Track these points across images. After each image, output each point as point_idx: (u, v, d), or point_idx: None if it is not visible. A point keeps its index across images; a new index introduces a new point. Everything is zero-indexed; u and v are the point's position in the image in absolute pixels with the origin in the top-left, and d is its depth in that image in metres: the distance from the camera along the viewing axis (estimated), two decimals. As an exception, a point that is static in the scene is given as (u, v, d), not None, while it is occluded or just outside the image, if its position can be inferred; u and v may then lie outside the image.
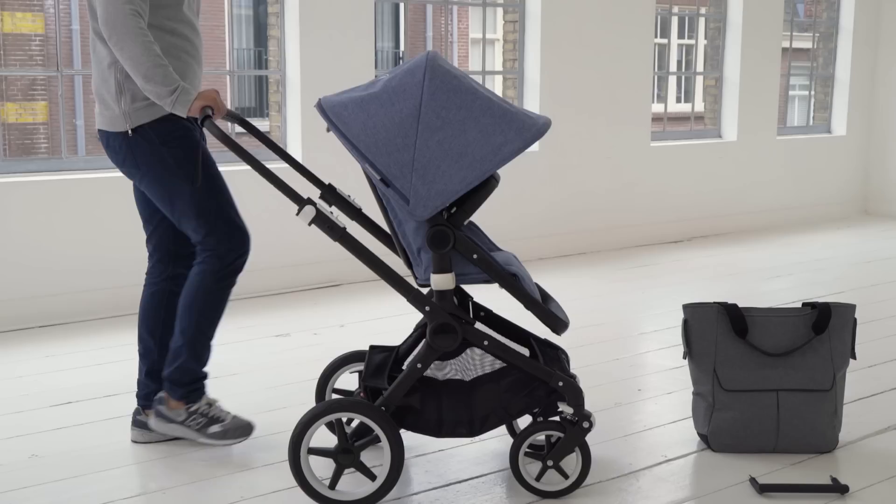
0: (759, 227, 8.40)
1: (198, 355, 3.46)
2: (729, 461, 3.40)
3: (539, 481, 3.10)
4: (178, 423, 3.47)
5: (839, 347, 3.44)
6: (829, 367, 3.42)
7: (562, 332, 3.02)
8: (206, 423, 3.47)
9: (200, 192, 3.33)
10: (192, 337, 3.43)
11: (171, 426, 3.48)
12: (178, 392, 3.46)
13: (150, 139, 3.33)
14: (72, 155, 15.85)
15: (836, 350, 3.43)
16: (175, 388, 3.46)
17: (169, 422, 3.47)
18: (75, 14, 16.52)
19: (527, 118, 2.88)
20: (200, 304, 3.43)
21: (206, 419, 3.47)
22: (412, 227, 2.96)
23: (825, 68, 9.11)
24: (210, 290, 3.44)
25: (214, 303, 3.46)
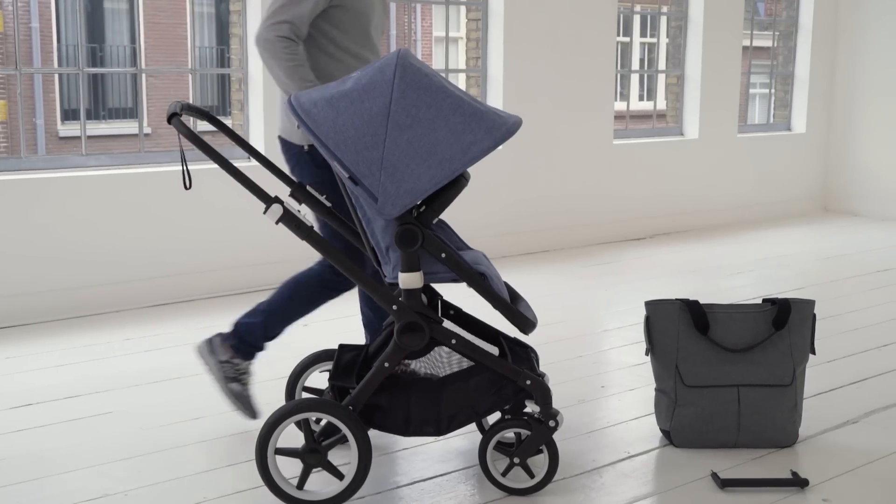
0: (720, 225, 8.47)
1: (268, 328, 3.61)
2: (690, 457, 3.43)
3: (505, 477, 3.11)
4: (216, 360, 3.61)
5: (799, 343, 3.48)
6: (788, 362, 3.46)
7: (530, 332, 3.03)
8: (232, 379, 3.60)
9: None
10: (274, 311, 3.60)
11: (210, 358, 3.63)
12: (233, 341, 3.61)
13: (316, 161, 3.47)
14: (31, 154, 15.69)
15: (795, 345, 3.47)
16: (233, 337, 3.62)
17: (211, 353, 3.63)
18: (34, 12, 16.36)
19: (497, 117, 2.88)
20: (300, 293, 3.60)
21: (234, 374, 3.60)
22: (381, 226, 2.96)
23: (785, 66, 9.20)
24: (313, 290, 3.60)
25: (309, 301, 3.61)
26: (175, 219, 5.65)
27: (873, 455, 3.47)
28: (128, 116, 18.06)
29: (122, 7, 18.15)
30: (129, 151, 5.80)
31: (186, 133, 3.03)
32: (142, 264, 5.55)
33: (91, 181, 5.40)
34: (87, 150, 5.69)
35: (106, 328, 5.06)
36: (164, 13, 17.58)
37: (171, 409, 3.89)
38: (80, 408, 3.90)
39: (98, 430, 3.66)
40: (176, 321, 5.19)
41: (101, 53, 17.88)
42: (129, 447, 3.50)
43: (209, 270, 5.77)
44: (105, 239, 5.44)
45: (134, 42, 17.97)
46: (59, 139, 17.00)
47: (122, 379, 4.26)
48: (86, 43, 16.75)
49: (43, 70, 5.57)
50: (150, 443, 3.54)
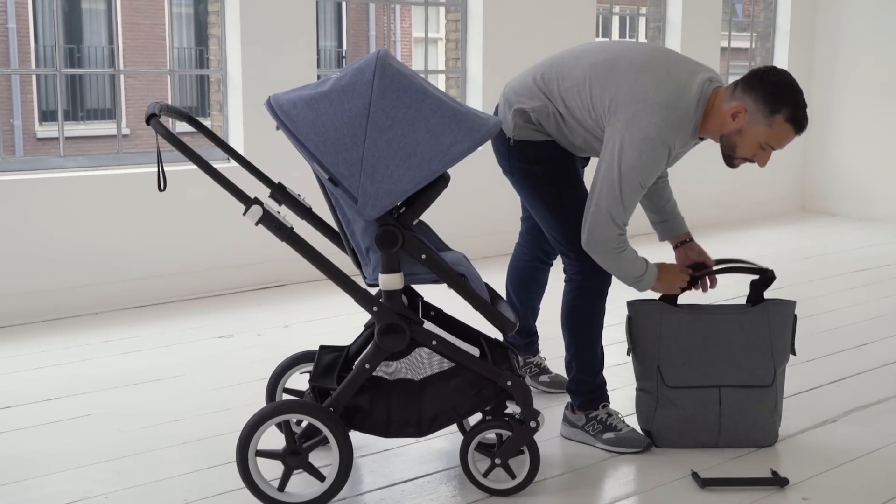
0: (698, 225, 8.45)
1: (586, 367, 3.58)
2: (671, 457, 3.45)
3: (487, 478, 3.12)
4: (579, 427, 3.56)
5: (779, 344, 3.50)
6: (769, 363, 3.47)
7: (510, 333, 3.04)
8: (602, 430, 3.52)
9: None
10: (575, 352, 3.59)
11: (573, 430, 3.59)
12: (577, 401, 3.59)
13: (525, 156, 3.53)
14: (9, 155, 15.59)
15: (776, 347, 3.49)
16: (574, 398, 3.60)
17: (572, 426, 3.59)
18: (11, 12, 16.25)
19: (477, 118, 2.88)
20: (577, 322, 3.58)
21: (602, 426, 3.52)
22: (361, 227, 2.95)
23: (763, 68, 9.24)
24: (583, 309, 3.58)
25: (589, 318, 3.58)
26: (154, 220, 5.62)
27: (852, 454, 3.49)
28: (106, 117, 17.97)
29: (100, 7, 18.06)
30: (107, 152, 5.78)
31: (165, 134, 3.02)
32: (120, 266, 5.52)
33: (69, 182, 5.38)
34: (65, 152, 5.66)
35: (84, 330, 5.03)
36: (143, 14, 17.50)
37: (151, 410, 3.88)
38: (59, 410, 3.88)
39: (78, 433, 3.65)
40: (155, 323, 5.17)
41: (79, 54, 17.79)
42: (110, 449, 3.48)
43: (188, 272, 5.75)
44: (83, 240, 5.41)
45: (112, 43, 17.89)
46: (36, 140, 16.90)
47: (102, 381, 4.23)
48: (63, 44, 16.67)
49: (20, 71, 5.54)
50: (130, 445, 3.52)
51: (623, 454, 3.47)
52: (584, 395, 3.57)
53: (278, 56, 5.99)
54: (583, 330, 3.56)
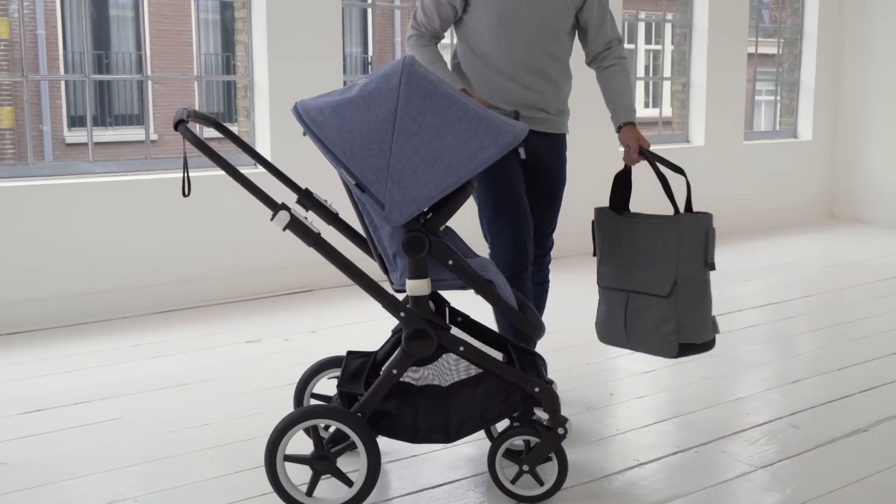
0: (726, 232, 8.45)
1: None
2: (701, 465, 3.43)
3: (514, 485, 3.11)
4: None
5: (686, 256, 3.46)
6: (671, 274, 3.46)
7: (538, 339, 3.03)
8: None
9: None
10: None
11: None
12: None
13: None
14: (38, 161, 15.71)
15: (682, 258, 3.45)
16: None
17: None
18: (40, 19, 16.39)
19: (503, 124, 2.88)
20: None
21: None
22: (388, 233, 2.96)
23: (790, 73, 9.19)
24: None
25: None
26: (181, 225, 5.65)
27: (883, 464, 3.46)
28: (134, 123, 18.09)
29: (128, 14, 18.18)
30: (135, 158, 5.82)
31: (193, 140, 3.03)
32: (148, 271, 5.56)
33: (98, 187, 5.41)
34: (93, 157, 5.70)
35: (113, 334, 5.06)
36: (170, 20, 17.61)
37: (178, 415, 3.89)
38: (88, 414, 3.90)
39: (106, 437, 3.66)
40: (183, 327, 5.20)
41: (107, 60, 17.91)
42: (139, 453, 3.50)
43: (216, 277, 5.77)
44: (112, 245, 5.45)
45: (140, 49, 18.00)
46: (65, 146, 17.03)
47: (131, 385, 4.26)
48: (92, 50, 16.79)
49: (49, 77, 5.60)
50: (158, 449, 3.54)
51: None
52: None
53: (305, 62, 6.01)
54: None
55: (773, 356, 4.74)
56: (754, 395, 4.15)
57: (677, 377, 4.40)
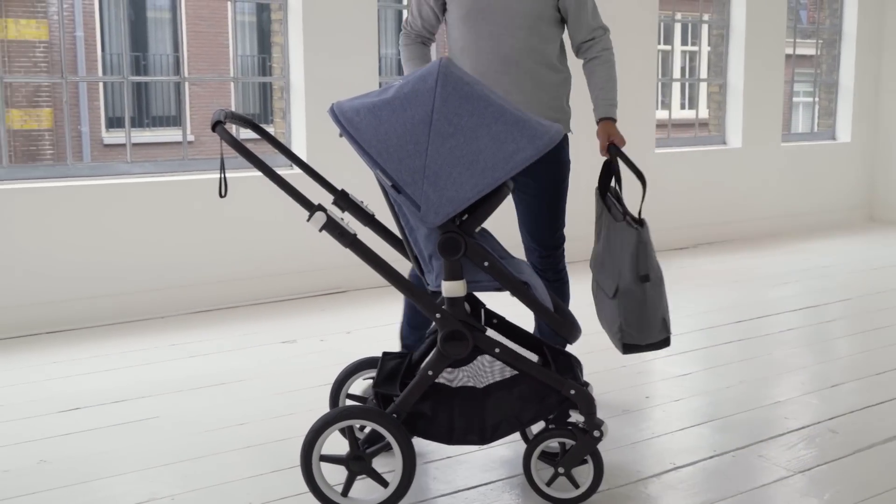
0: (764, 234, 8.40)
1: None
2: (739, 469, 3.40)
3: (550, 487, 3.10)
4: None
5: (623, 264, 3.46)
6: (616, 278, 3.47)
7: (574, 341, 3.02)
8: None
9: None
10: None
11: None
12: None
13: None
14: (77, 161, 15.87)
15: (622, 265, 3.46)
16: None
17: None
18: (79, 21, 16.55)
19: (539, 126, 2.87)
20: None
21: None
22: (424, 234, 2.96)
23: (829, 75, 9.11)
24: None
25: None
26: (218, 226, 5.69)
27: (922, 468, 3.42)
28: (171, 124, 18.22)
29: (165, 16, 18.32)
30: (172, 159, 5.86)
31: (230, 141, 3.04)
32: (185, 271, 5.59)
33: (136, 188, 5.46)
34: (131, 158, 5.75)
35: (151, 334, 5.10)
36: (207, 22, 17.72)
37: (215, 414, 3.92)
38: (126, 412, 3.94)
39: (144, 435, 3.69)
40: (220, 327, 5.23)
41: (145, 62, 18.05)
42: (175, 452, 3.52)
43: (251, 277, 5.80)
44: (149, 245, 5.49)
45: (177, 50, 18.13)
46: (103, 146, 17.18)
47: (168, 384, 4.29)
48: (129, 51, 16.94)
49: (88, 78, 5.65)
50: (195, 448, 3.56)
51: None
52: None
53: (341, 63, 6.03)
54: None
55: (812, 360, 4.70)
56: (792, 399, 4.12)
57: (714, 380, 4.37)
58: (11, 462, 3.43)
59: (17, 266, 5.12)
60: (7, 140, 5.17)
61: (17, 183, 5.25)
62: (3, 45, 15.78)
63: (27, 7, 16.08)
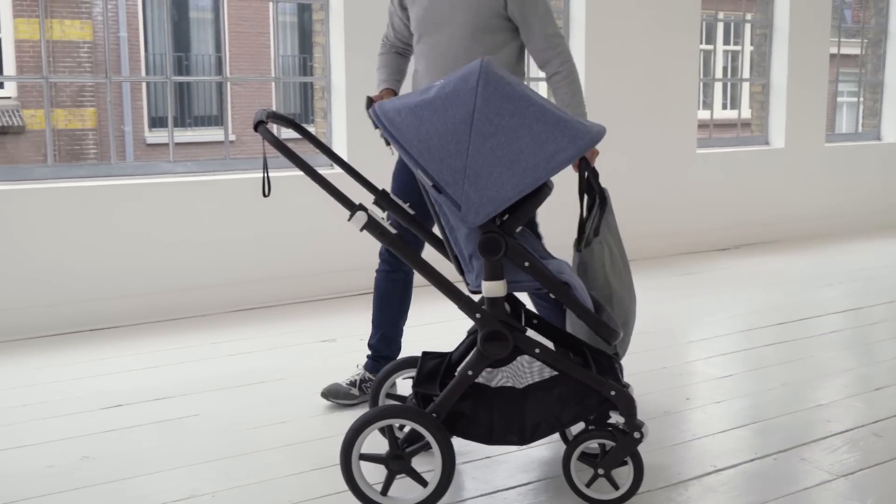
0: (807, 235, 8.32)
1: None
2: (780, 472, 3.37)
3: (589, 488, 3.09)
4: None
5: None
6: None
7: (614, 342, 3.01)
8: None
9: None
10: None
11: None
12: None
13: None
14: (120, 160, 16.03)
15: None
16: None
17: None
18: (123, 21, 16.72)
19: (581, 126, 2.86)
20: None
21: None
22: (464, 234, 2.96)
23: (874, 74, 9.01)
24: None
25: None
26: (259, 225, 5.72)
27: (969, 473, 3.37)
28: (212, 124, 18.36)
29: (208, 17, 18.46)
30: (214, 158, 5.91)
31: (272, 140, 3.06)
32: (227, 269, 5.63)
33: (178, 187, 5.50)
34: (174, 157, 5.79)
35: (192, 332, 5.15)
36: (249, 22, 17.84)
37: (256, 412, 3.94)
38: (168, 410, 3.97)
39: (185, 432, 3.72)
40: (260, 326, 5.26)
41: (187, 62, 18.21)
42: (216, 449, 3.55)
43: (292, 276, 5.83)
44: (191, 244, 5.53)
45: (219, 51, 18.27)
46: (146, 146, 17.35)
47: (209, 382, 4.32)
48: (172, 52, 17.08)
49: (131, 78, 5.71)
50: (236, 445, 3.58)
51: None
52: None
53: (382, 63, 6.03)
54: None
55: (855, 362, 4.65)
56: (835, 403, 4.08)
57: (756, 382, 4.34)
58: (55, 458, 3.47)
59: (62, 263, 5.18)
60: (52, 139, 5.24)
61: (62, 182, 5.31)
62: (48, 46, 15.96)
63: (72, 8, 16.28)
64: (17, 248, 5.07)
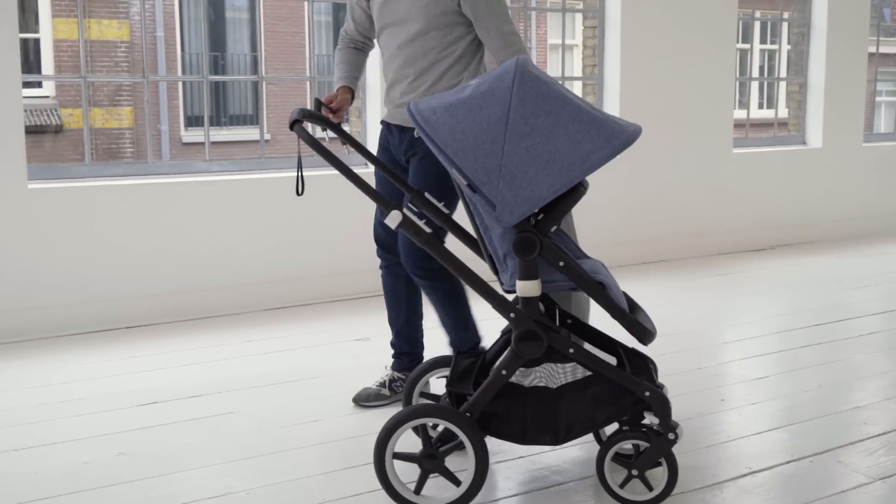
0: (844, 236, 8.24)
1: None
2: (817, 475, 3.34)
3: (623, 489, 3.08)
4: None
5: None
6: None
7: (649, 343, 2.99)
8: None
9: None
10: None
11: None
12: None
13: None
14: (156, 159, 16.15)
15: None
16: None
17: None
18: (160, 21, 16.85)
19: (616, 125, 2.85)
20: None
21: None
22: (499, 233, 2.95)
23: (913, 74, 8.91)
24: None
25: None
26: (294, 224, 5.74)
27: None
28: (248, 123, 18.46)
29: (244, 17, 18.56)
30: (250, 157, 5.94)
31: (308, 140, 3.07)
32: (261, 268, 5.66)
33: (214, 186, 5.54)
34: (209, 156, 5.83)
35: (226, 330, 5.17)
36: (284, 22, 17.91)
37: (290, 410, 3.95)
38: (202, 407, 3.99)
39: (220, 430, 3.75)
40: (294, 324, 5.28)
41: (223, 62, 18.32)
42: (250, 447, 3.56)
43: (326, 275, 5.85)
44: (226, 242, 5.56)
45: (255, 50, 18.37)
46: (182, 145, 17.47)
47: (243, 380, 4.34)
48: (208, 51, 17.19)
49: (168, 78, 5.76)
50: (270, 443, 3.60)
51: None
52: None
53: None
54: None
55: (892, 365, 4.60)
56: (872, 405, 4.04)
57: (792, 384, 4.30)
58: (91, 454, 3.50)
59: (99, 261, 5.23)
60: (90, 138, 5.28)
61: (99, 180, 5.36)
62: (86, 46, 16.11)
63: (109, 8, 16.43)
64: (54, 246, 5.12)
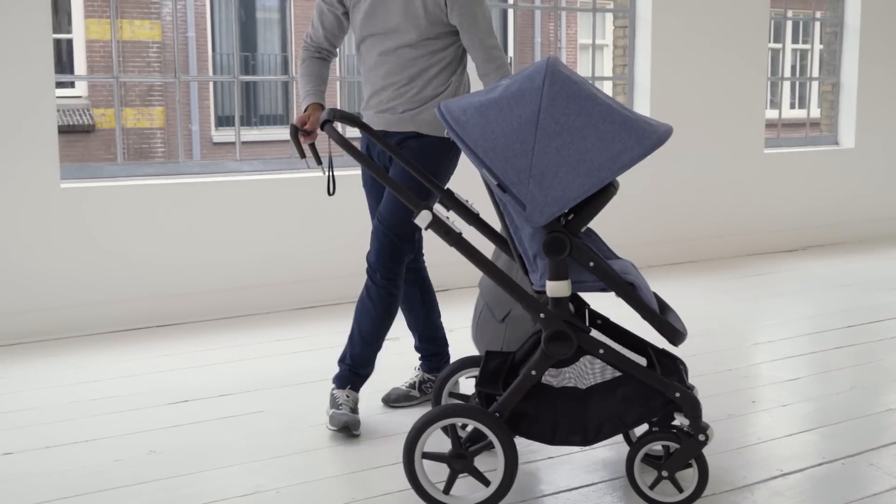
0: (877, 237, 8.17)
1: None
2: (848, 478, 3.31)
3: (653, 490, 3.06)
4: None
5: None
6: (508, 302, 3.54)
7: (679, 344, 2.98)
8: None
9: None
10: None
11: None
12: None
13: None
14: (187, 159, 16.23)
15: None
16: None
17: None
18: (191, 22, 16.94)
19: (647, 125, 2.84)
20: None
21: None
22: (528, 234, 2.95)
23: (948, 73, 8.81)
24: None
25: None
26: (324, 223, 5.76)
27: None
28: (278, 123, 18.52)
29: (274, 17, 18.63)
30: (280, 157, 5.96)
31: (339, 139, 3.08)
32: (291, 267, 5.68)
33: (245, 185, 5.56)
34: (240, 156, 5.85)
35: (256, 329, 5.19)
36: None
37: (319, 409, 3.96)
38: (232, 406, 4.01)
39: (250, 428, 3.76)
40: (324, 323, 5.29)
41: (254, 62, 18.39)
42: (280, 446, 3.58)
43: (356, 274, 5.85)
44: (257, 242, 5.59)
45: (285, 50, 18.43)
46: (213, 144, 17.56)
47: (272, 379, 4.36)
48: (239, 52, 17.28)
49: (199, 78, 5.78)
50: (300, 442, 3.61)
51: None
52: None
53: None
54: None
55: (926, 367, 4.56)
56: (905, 408, 4.00)
57: (823, 386, 4.27)
58: (122, 452, 3.53)
59: (129, 260, 5.26)
60: (121, 138, 5.32)
61: (130, 179, 5.39)
62: (118, 46, 16.23)
63: (141, 8, 16.54)
64: (85, 244, 5.16)
